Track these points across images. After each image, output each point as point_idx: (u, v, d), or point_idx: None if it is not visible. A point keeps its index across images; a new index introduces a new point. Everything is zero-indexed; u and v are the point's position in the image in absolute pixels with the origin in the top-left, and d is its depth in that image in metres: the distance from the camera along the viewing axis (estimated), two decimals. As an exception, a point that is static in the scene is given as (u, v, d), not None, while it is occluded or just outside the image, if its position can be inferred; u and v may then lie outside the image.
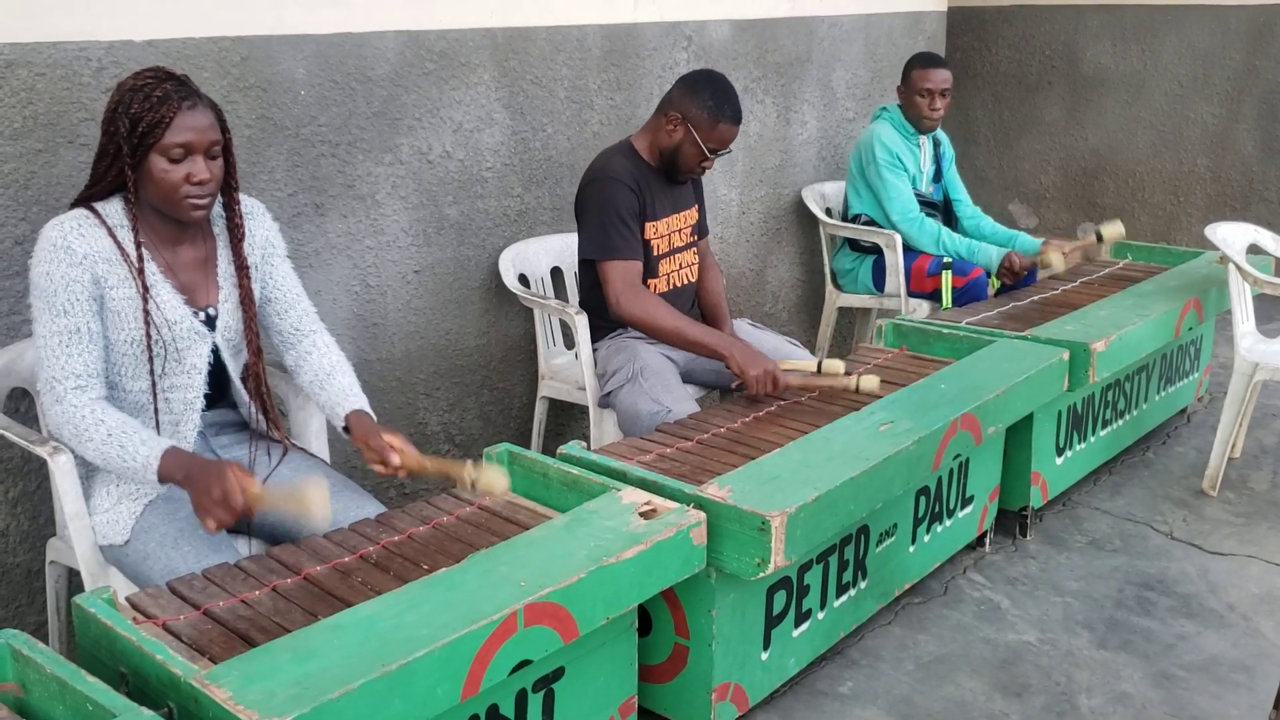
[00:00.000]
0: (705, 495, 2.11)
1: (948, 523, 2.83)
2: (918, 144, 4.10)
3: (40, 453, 2.12)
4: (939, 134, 4.21)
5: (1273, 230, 3.63)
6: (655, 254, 3.06)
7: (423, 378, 3.30)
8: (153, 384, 2.09)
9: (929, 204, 4.10)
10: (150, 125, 1.96)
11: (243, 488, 1.91)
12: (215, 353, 2.17)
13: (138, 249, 2.04)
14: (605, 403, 3.05)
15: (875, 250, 4.12)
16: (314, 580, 1.89)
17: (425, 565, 1.93)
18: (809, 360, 2.96)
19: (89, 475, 2.17)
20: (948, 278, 3.88)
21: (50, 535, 2.41)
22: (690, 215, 3.18)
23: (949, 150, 4.27)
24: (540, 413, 3.41)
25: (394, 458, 2.11)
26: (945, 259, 3.91)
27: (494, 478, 2.05)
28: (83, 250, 1.99)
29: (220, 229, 2.20)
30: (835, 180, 4.64)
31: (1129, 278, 3.87)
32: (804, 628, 2.41)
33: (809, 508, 2.10)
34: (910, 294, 4.01)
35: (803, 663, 2.45)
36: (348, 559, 1.96)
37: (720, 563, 2.10)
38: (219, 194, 2.12)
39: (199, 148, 2.00)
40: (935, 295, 3.94)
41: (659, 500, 2.08)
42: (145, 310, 2.04)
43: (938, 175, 4.20)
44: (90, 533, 2.12)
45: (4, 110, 2.36)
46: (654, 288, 3.06)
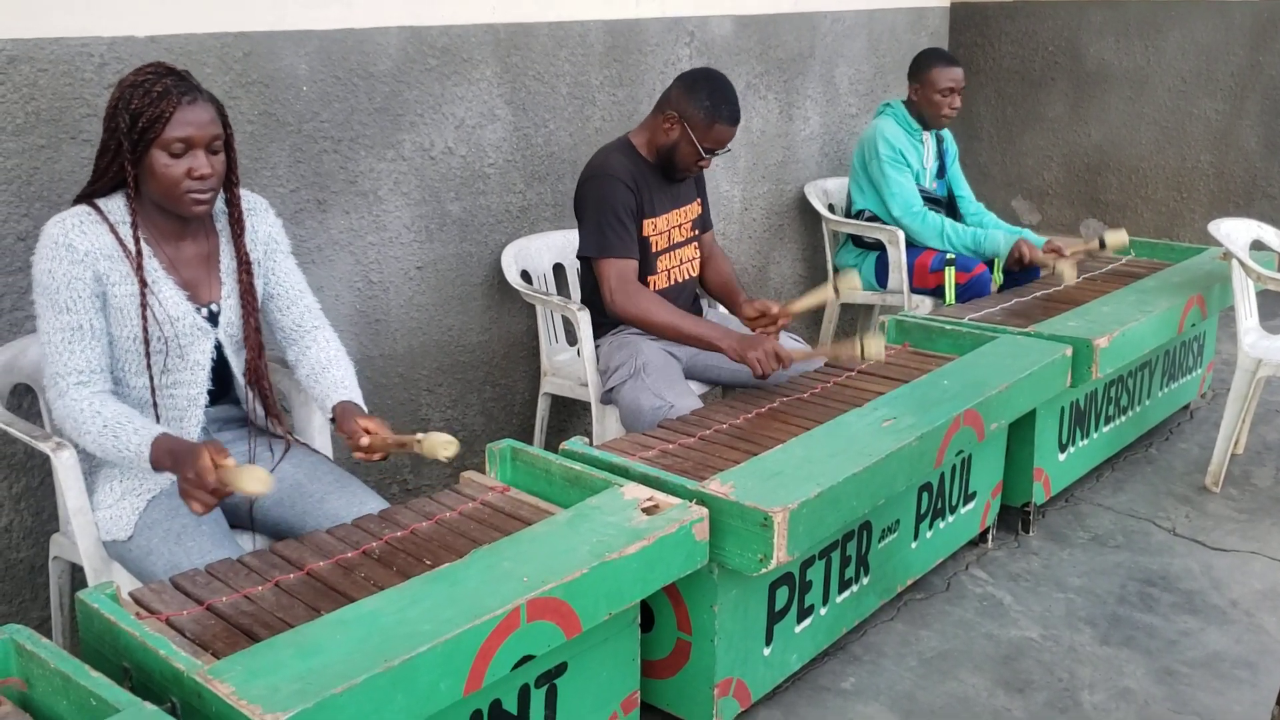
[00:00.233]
0: (708, 491, 2.11)
1: (950, 519, 2.83)
2: (921, 140, 4.09)
3: (43, 448, 2.13)
4: (942, 130, 4.20)
5: (1276, 226, 3.62)
6: (654, 250, 3.06)
7: (425, 374, 3.30)
8: (151, 380, 2.09)
9: (933, 200, 4.10)
10: (150, 120, 1.96)
11: (216, 464, 1.89)
12: (218, 349, 2.17)
13: (137, 245, 2.04)
14: (607, 399, 3.05)
15: (878, 246, 4.11)
16: (317, 575, 1.89)
17: (428, 561, 1.93)
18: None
19: (92, 471, 2.17)
20: (950, 274, 3.88)
21: (53, 531, 2.41)
22: (691, 210, 3.17)
23: (952, 146, 4.26)
24: (542, 409, 3.41)
25: (364, 439, 2.09)
26: (948, 254, 3.91)
27: (438, 442, 2.00)
28: (84, 247, 1.99)
29: (223, 225, 2.20)
30: (838, 176, 4.63)
31: (1132, 274, 3.86)
32: (806, 623, 2.41)
33: (811, 504, 2.10)
34: (913, 290, 4.01)
35: (805, 658, 2.46)
36: (351, 554, 1.96)
37: (723, 558, 2.10)
38: (221, 189, 2.11)
39: (200, 142, 2.00)
40: (938, 291, 3.94)
41: (661, 496, 2.08)
42: (143, 306, 2.04)
43: (941, 171, 4.19)
44: (93, 528, 2.13)
45: (6, 106, 2.36)
46: (653, 284, 3.06)
